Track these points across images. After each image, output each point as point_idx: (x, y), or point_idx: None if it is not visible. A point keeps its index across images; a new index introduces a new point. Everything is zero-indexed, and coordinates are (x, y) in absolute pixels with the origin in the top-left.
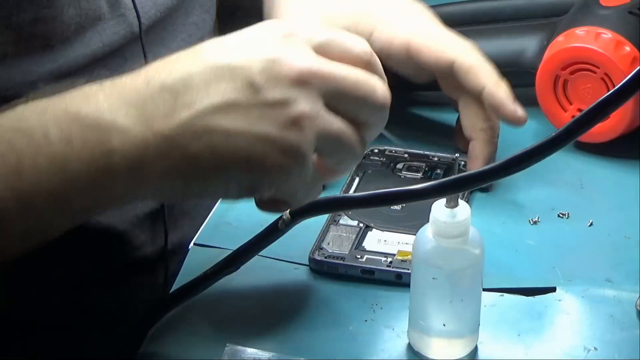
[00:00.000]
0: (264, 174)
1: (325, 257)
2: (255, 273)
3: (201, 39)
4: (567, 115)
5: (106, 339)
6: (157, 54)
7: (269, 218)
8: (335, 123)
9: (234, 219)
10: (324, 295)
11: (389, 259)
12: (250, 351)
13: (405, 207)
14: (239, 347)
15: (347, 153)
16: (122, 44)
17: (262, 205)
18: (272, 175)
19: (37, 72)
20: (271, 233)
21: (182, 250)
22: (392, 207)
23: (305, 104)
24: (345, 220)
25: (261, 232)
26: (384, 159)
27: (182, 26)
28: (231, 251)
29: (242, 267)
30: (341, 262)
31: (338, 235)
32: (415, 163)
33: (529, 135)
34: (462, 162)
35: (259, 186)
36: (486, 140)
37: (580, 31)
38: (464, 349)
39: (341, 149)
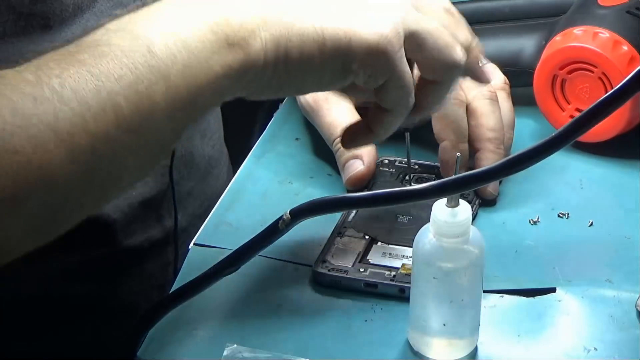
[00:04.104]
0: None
1: (329, 270)
2: (255, 273)
3: None
4: (565, 115)
5: (106, 338)
6: None
7: (269, 218)
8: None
9: (234, 219)
10: (324, 295)
11: (393, 273)
12: (250, 351)
13: (412, 218)
14: (239, 347)
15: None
16: None
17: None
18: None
19: (34, 52)
20: (271, 233)
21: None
22: (399, 219)
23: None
24: (351, 232)
25: (261, 232)
26: (394, 170)
27: None
28: (231, 251)
29: (242, 267)
30: (344, 275)
31: (343, 248)
32: (424, 174)
33: (529, 135)
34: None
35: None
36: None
37: (578, 31)
38: (464, 349)
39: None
